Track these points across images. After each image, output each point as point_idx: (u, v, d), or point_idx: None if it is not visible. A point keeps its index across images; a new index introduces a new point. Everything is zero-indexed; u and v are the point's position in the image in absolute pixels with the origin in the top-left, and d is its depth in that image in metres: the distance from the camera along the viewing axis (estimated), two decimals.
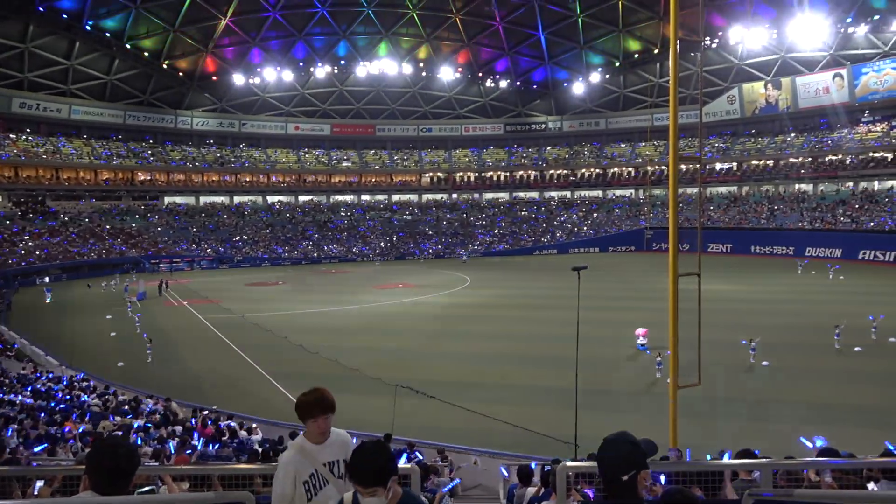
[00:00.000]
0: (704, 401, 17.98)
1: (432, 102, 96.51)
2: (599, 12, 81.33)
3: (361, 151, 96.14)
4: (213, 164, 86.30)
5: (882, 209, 65.03)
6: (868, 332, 27.07)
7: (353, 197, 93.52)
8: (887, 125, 72.21)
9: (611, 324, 30.16)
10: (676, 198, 13.04)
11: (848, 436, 14.66)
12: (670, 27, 12.46)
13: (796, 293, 41.47)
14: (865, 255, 58.69)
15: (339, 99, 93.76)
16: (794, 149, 78.77)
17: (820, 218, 68.47)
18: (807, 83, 77.78)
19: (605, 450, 2.63)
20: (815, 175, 75.52)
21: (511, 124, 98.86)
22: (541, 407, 19.63)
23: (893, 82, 70.39)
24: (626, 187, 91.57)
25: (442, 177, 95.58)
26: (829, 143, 76.07)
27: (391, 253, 78.13)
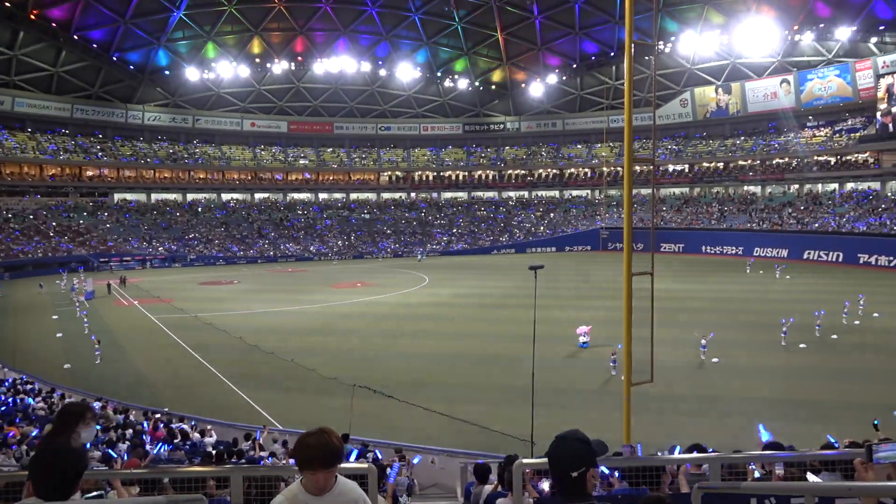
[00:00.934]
0: (657, 397, 18.38)
1: (391, 101, 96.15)
2: (557, 15, 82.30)
3: (319, 149, 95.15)
4: (165, 161, 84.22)
5: (826, 211, 67.53)
6: (812, 329, 28.09)
7: (310, 195, 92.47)
8: (830, 130, 75.03)
9: (567, 322, 30.53)
10: (631, 198, 13.30)
11: (792, 430, 15.17)
12: (626, 31, 12.69)
13: (745, 292, 42.73)
14: (810, 255, 60.86)
15: (296, 96, 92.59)
16: (744, 152, 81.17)
17: (768, 219, 70.70)
18: (755, 88, 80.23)
19: (557, 447, 2.68)
20: (763, 177, 77.96)
21: (470, 124, 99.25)
22: (498, 405, 19.77)
23: (837, 89, 73.17)
24: (582, 188, 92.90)
25: (400, 176, 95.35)
26: (777, 147, 78.61)
27: (349, 252, 77.59)
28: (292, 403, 20.29)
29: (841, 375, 22.26)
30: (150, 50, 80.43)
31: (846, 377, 22.01)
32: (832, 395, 20.01)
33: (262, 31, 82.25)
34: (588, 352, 26.23)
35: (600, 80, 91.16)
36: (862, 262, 55.85)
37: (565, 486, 2.59)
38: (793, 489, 3.63)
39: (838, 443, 9.26)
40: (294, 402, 20.41)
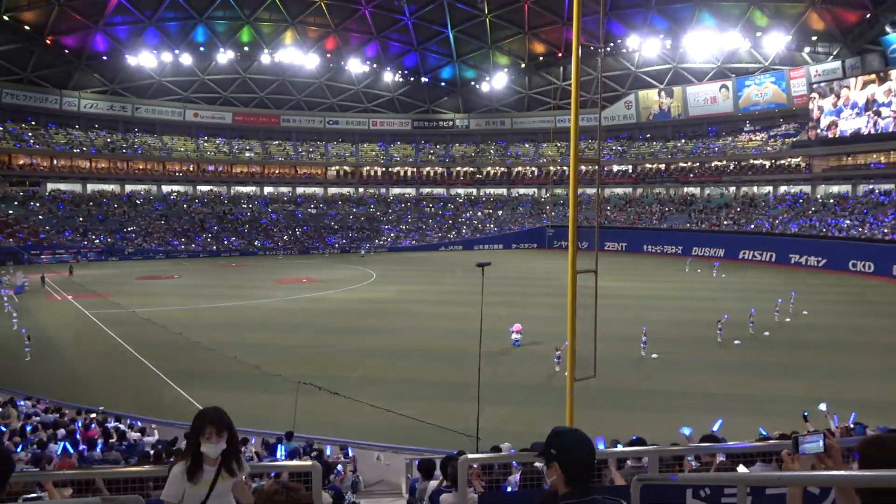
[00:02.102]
0: (600, 392, 18.80)
1: (340, 95, 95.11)
2: (507, 14, 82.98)
3: (265, 142, 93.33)
4: (102, 150, 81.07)
5: (760, 212, 70.28)
6: (746, 326, 29.23)
7: (255, 188, 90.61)
8: (766, 135, 78.11)
9: (513, 319, 30.85)
10: (577, 197, 13.54)
11: (728, 423, 15.74)
12: (573, 33, 12.90)
13: (683, 290, 44.10)
14: (745, 254, 63.23)
15: (241, 87, 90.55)
16: (684, 154, 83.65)
17: (706, 220, 73.10)
18: (696, 92, 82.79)
19: (576, 438, 2.71)
20: (702, 179, 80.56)
21: (419, 120, 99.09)
22: (444, 401, 19.86)
23: (772, 95, 76.20)
24: (529, 186, 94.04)
25: (348, 170, 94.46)
26: (715, 150, 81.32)
27: (295, 247, 76.46)
28: (235, 401, 19.84)
29: (773, 370, 23.24)
30: (87, 34, 77.24)
31: (778, 372, 23.00)
32: (764, 389, 20.88)
33: (207, 19, 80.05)
34: (533, 348, 26.59)
35: (548, 81, 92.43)
36: (793, 262, 58.37)
37: (584, 478, 2.63)
38: (725, 479, 3.79)
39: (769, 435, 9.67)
40: (237, 400, 19.98)
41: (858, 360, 24.60)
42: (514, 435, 13.94)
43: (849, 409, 14.57)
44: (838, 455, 2.50)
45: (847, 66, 67.34)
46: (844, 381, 21.47)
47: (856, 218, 59.67)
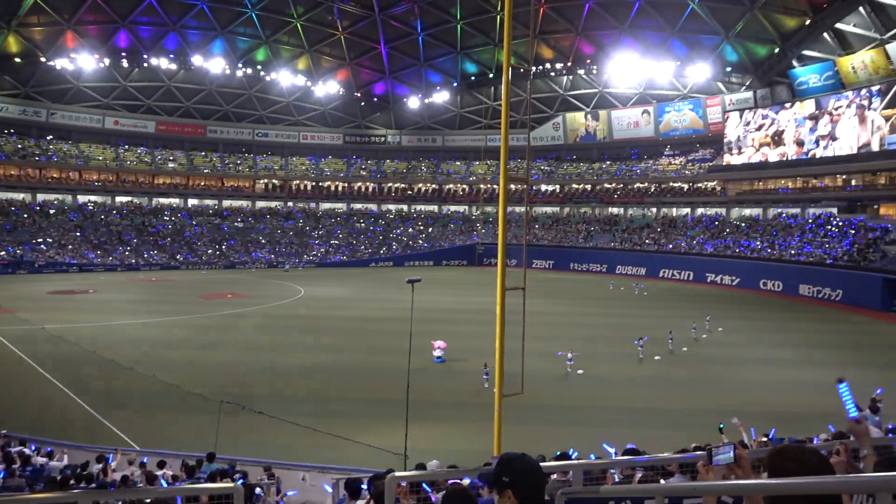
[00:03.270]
0: (527, 408, 19.05)
1: (270, 107, 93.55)
2: (440, 33, 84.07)
3: (190, 153, 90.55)
4: (12, 156, 76.56)
5: (679, 233, 73.41)
6: (666, 342, 30.36)
7: (179, 200, 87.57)
8: (684, 159, 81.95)
9: (442, 336, 30.93)
10: (506, 216, 13.79)
11: (650, 436, 16.27)
12: (504, 55, 13.21)
13: (607, 307, 45.42)
14: (665, 273, 65.81)
15: (166, 95, 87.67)
16: (609, 175, 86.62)
17: (629, 239, 75.75)
18: (620, 116, 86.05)
19: (528, 462, 2.68)
20: (626, 200, 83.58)
21: (351, 135, 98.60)
22: (372, 419, 19.66)
23: (690, 122, 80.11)
24: (460, 203, 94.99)
25: (277, 184, 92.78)
26: (637, 172, 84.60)
27: (220, 261, 74.26)
28: (153, 422, 19.03)
29: (690, 385, 24.19)
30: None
31: (695, 386, 23.96)
32: (683, 403, 21.69)
33: (129, 23, 77.26)
34: (462, 364, 26.71)
35: (479, 100, 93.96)
36: (709, 281, 61.15)
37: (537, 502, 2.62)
38: (645, 491, 3.92)
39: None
40: (155, 421, 19.15)
41: (769, 374, 25.92)
42: (443, 452, 13.94)
43: (762, 420, 15.32)
44: (748, 465, 2.64)
45: (758, 96, 71.63)
46: (757, 393, 22.56)
47: (766, 239, 63.20)
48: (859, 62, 58.49)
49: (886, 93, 55.71)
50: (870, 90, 57.28)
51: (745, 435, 12.36)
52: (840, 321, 40.98)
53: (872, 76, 57.69)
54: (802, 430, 13.37)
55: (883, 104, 56.08)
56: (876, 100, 56.84)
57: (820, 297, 50.54)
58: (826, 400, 18.45)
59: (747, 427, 12.77)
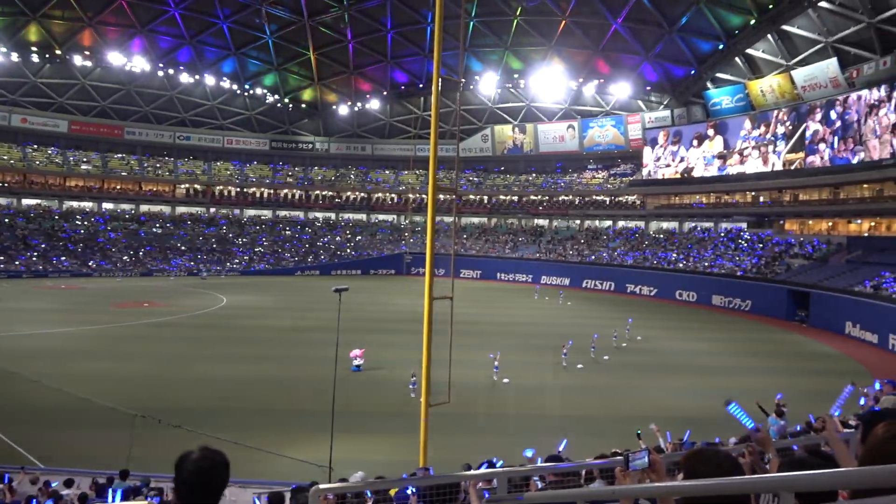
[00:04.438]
0: (454, 417, 19.12)
1: (192, 109, 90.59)
2: (370, 41, 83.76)
3: (105, 154, 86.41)
4: None
5: (602, 245, 75.78)
6: (588, 351, 31.20)
7: (92, 204, 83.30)
8: (607, 173, 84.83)
9: (369, 345, 30.70)
10: (434, 225, 13.87)
11: (571, 442, 16.63)
12: (434, 66, 13.32)
13: (533, 317, 46.29)
14: (588, 283, 67.73)
15: (81, 94, 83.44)
16: (535, 188, 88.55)
17: (554, 250, 77.56)
18: (546, 130, 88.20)
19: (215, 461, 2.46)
20: (551, 212, 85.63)
21: (277, 141, 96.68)
22: (296, 431, 19.25)
23: (612, 137, 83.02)
24: (389, 212, 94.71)
25: (199, 189, 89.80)
26: (562, 185, 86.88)
27: (136, 268, 71.08)
28: (60, 439, 17.96)
29: (611, 392, 24.94)
30: None
31: (615, 393, 24.72)
32: (604, 409, 22.33)
33: (41, 16, 73.17)
34: (389, 374, 26.56)
35: (409, 110, 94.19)
36: (629, 291, 63.33)
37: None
38: (566, 496, 4.01)
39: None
40: (62, 438, 18.08)
41: (686, 380, 27.06)
42: (368, 464, 13.81)
43: (678, 425, 15.95)
44: (661, 469, 2.76)
45: (675, 115, 75.06)
46: (674, 399, 23.49)
47: (682, 252, 66.09)
48: (767, 86, 62.31)
49: (791, 137, 59.73)
50: (776, 133, 61.33)
51: (662, 439, 12.83)
52: (749, 330, 43.30)
53: (779, 99, 61.54)
54: (715, 434, 14.00)
55: (787, 148, 60.24)
56: (780, 143, 60.96)
57: (731, 307, 53.24)
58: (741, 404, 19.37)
59: (663, 432, 13.27)
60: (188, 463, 2.41)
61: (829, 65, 55.33)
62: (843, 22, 53.33)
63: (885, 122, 50.38)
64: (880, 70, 51.24)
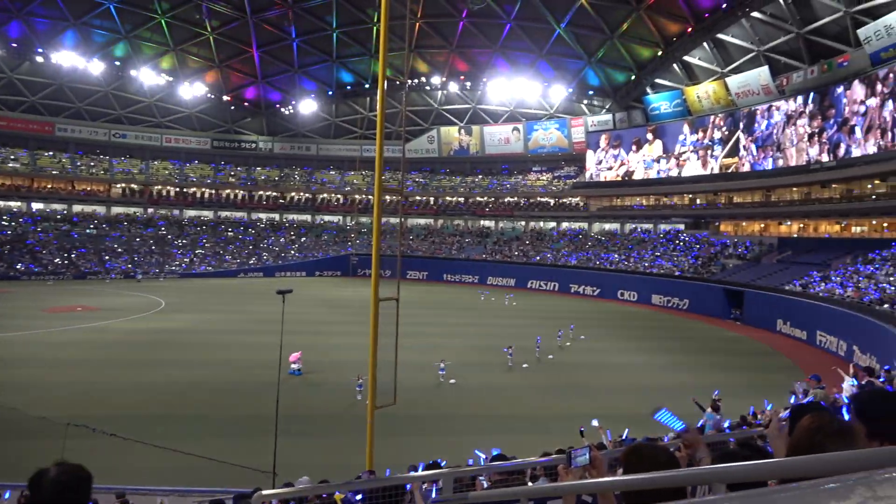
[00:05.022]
0: (400, 419, 19.07)
1: (129, 106, 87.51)
2: (315, 40, 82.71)
3: (35, 152, 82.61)
4: None
5: (546, 246, 76.95)
6: (533, 351, 31.62)
7: (20, 204, 79.49)
8: (551, 175, 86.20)
9: (313, 348, 30.32)
10: (380, 226, 13.81)
11: (517, 441, 16.82)
12: (380, 66, 13.27)
13: (479, 317, 46.59)
14: (533, 284, 68.64)
15: (8, 88, 79.46)
16: (481, 189, 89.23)
17: (499, 251, 78.30)
18: (492, 132, 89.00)
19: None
20: (497, 213, 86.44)
21: (219, 140, 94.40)
22: (238, 437, 18.84)
23: (556, 140, 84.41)
24: (334, 213, 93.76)
25: (136, 189, 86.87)
26: (508, 187, 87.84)
27: (69, 271, 68.18)
28: None
29: (556, 390, 25.33)
30: None
31: (560, 392, 25.12)
32: (549, 408, 22.66)
33: None
34: (334, 377, 26.28)
35: (355, 110, 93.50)
36: (573, 291, 64.48)
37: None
38: (510, 494, 4.06)
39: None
40: None
41: (627, 378, 27.72)
42: (314, 468, 13.63)
43: (619, 422, 16.33)
44: (601, 465, 2.83)
45: (617, 119, 76.88)
46: (615, 397, 24.03)
47: (623, 252, 67.73)
48: (703, 92, 64.54)
49: (727, 141, 62.23)
50: (712, 138, 63.82)
51: (604, 436, 13.11)
52: (687, 328, 44.73)
53: (714, 105, 63.83)
54: (654, 430, 14.37)
55: (724, 153, 62.76)
56: (717, 147, 63.44)
57: (670, 306, 54.86)
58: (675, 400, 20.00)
59: (605, 429, 13.56)
60: (46, 481, 2.25)
61: (760, 73, 57.71)
62: (774, 32, 55.72)
63: (801, 132, 54.02)
64: (808, 78, 53.78)
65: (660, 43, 66.34)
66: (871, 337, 29.62)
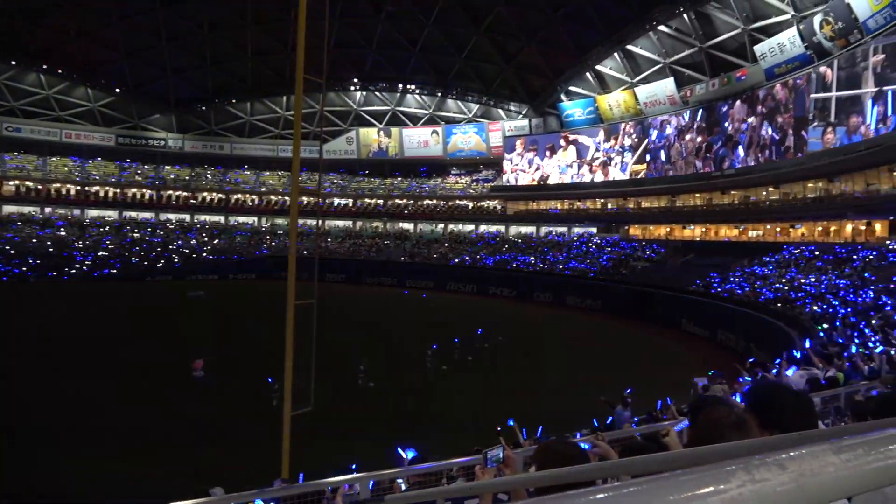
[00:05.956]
0: (319, 424, 18.74)
1: (23, 98, 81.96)
2: (229, 34, 79.98)
3: None
4: None
5: (464, 248, 77.79)
6: (452, 352, 31.85)
7: None
8: (469, 179, 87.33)
9: (227, 351, 29.37)
10: (297, 228, 13.56)
11: (437, 442, 16.89)
12: (297, 65, 13.03)
13: (399, 319, 46.49)
14: (452, 286, 69.20)
15: None
16: (400, 191, 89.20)
17: (419, 253, 78.51)
18: (411, 135, 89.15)
19: None
20: (416, 216, 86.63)
21: (125, 136, 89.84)
22: (146, 447, 17.97)
23: (475, 144, 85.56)
24: (249, 214, 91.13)
25: (32, 186, 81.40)
26: (427, 190, 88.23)
27: None
28: None
29: (474, 391, 25.64)
30: None
31: (478, 392, 25.43)
32: (468, 408, 22.89)
33: None
34: (248, 382, 25.50)
35: (272, 109, 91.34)
36: (491, 293, 65.47)
37: None
38: (428, 495, 4.08)
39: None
40: None
41: (542, 378, 28.40)
42: (228, 476, 13.20)
43: (537, 421, 16.70)
44: (514, 463, 2.90)
45: (533, 124, 78.80)
46: (532, 396, 24.56)
47: (539, 255, 69.43)
48: (614, 101, 67.17)
49: (636, 149, 65.15)
50: (623, 145, 66.71)
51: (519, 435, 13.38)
52: (600, 328, 46.29)
53: (625, 114, 66.56)
54: (567, 428, 14.82)
55: (634, 159, 65.69)
56: (628, 154, 66.32)
57: (583, 307, 56.65)
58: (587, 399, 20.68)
59: (521, 428, 13.84)
60: None
61: (666, 84, 60.68)
62: (679, 45, 58.77)
63: (689, 147, 58.93)
64: (710, 91, 57.07)
65: (549, 73, 68.72)
66: (765, 334, 31.71)
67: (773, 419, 2.22)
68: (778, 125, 49.51)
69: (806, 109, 46.06)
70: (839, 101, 42.19)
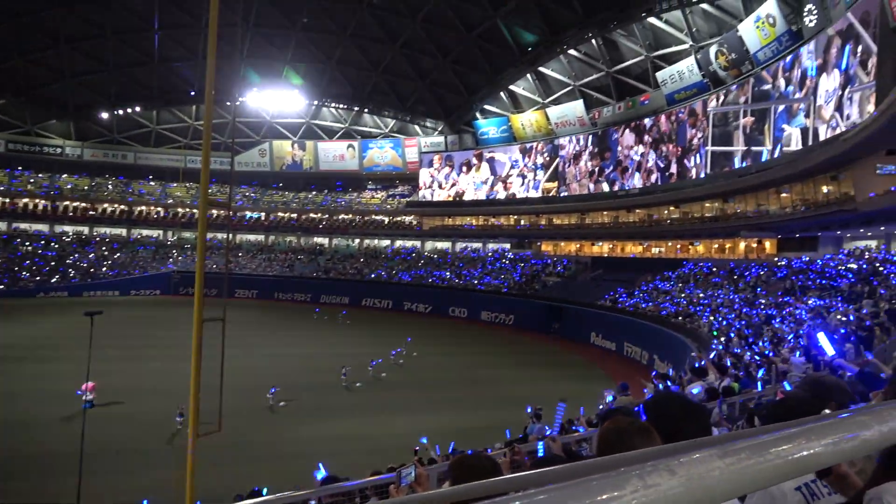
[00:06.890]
0: (226, 447, 18.03)
1: None
2: (132, 38, 76.35)
3: None
4: None
5: (380, 263, 77.36)
6: (367, 369, 31.53)
7: None
8: (385, 194, 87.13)
9: (126, 375, 27.84)
10: (205, 242, 13.07)
11: (352, 462, 16.61)
12: (207, 73, 12.63)
13: (311, 337, 45.60)
14: (367, 302, 68.56)
15: None
16: (315, 205, 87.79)
17: (333, 269, 77.39)
18: (327, 149, 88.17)
19: None
20: (331, 230, 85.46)
21: (16, 142, 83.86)
22: (35, 476, 16.70)
23: (391, 159, 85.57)
24: (154, 227, 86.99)
25: None
26: (342, 204, 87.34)
27: None
28: None
29: (390, 409, 25.43)
30: None
31: (394, 410, 25.25)
32: (383, 427, 22.67)
33: None
34: (150, 405, 24.25)
35: (179, 118, 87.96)
36: (406, 309, 65.37)
37: None
38: None
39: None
40: None
41: (457, 393, 28.56)
42: None
43: (451, 437, 16.74)
44: (426, 480, 2.90)
45: (448, 141, 79.75)
46: (447, 412, 24.64)
47: (454, 271, 70.03)
48: (527, 120, 69.08)
49: (548, 167, 67.24)
50: (535, 163, 68.64)
51: (433, 452, 13.39)
52: (513, 343, 47.13)
53: (537, 133, 68.53)
54: (480, 443, 14.97)
55: (545, 177, 67.79)
56: (540, 172, 68.35)
57: (497, 321, 57.52)
58: (505, 413, 20.98)
59: (434, 444, 13.86)
60: None
61: (576, 105, 63.03)
62: (588, 69, 61.29)
63: (583, 169, 62.65)
64: (616, 113, 59.75)
65: (488, 71, 69.96)
66: (667, 346, 33.25)
67: (668, 429, 2.33)
68: (662, 154, 53.23)
69: (687, 140, 49.92)
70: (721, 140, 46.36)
